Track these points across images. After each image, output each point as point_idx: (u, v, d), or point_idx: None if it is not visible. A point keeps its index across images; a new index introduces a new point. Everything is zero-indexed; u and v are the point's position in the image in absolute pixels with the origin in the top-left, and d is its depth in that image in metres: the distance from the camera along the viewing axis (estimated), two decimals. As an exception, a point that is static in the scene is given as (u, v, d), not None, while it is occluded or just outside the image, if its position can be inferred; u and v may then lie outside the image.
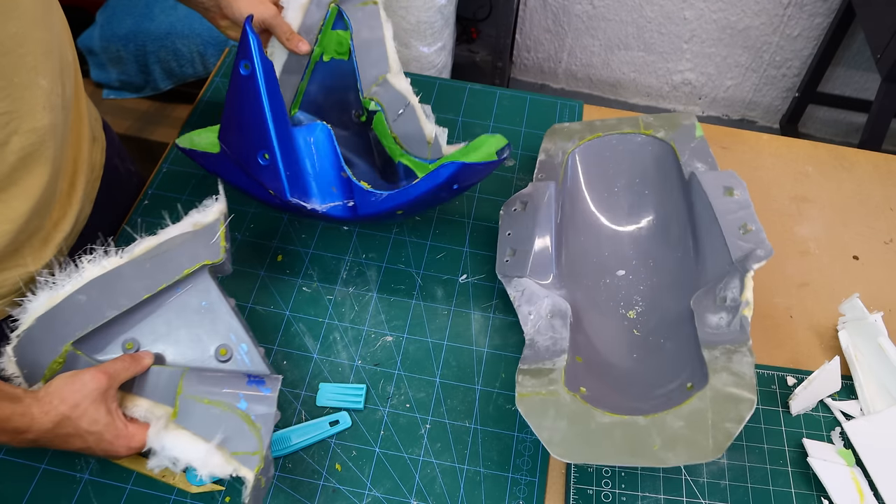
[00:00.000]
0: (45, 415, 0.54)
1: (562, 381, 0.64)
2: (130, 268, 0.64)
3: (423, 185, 0.70)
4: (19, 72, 0.58)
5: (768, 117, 2.19)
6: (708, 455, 0.57)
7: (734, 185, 0.75)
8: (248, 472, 0.58)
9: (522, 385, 0.64)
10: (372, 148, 0.85)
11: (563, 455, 0.59)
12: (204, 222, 0.67)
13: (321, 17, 0.81)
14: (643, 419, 0.60)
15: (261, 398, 0.62)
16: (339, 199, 0.74)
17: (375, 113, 0.82)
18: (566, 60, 2.16)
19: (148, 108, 1.56)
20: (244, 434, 0.60)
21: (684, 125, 0.84)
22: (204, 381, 0.62)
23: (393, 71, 0.83)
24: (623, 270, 0.81)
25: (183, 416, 0.60)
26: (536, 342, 0.68)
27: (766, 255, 0.68)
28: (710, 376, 0.62)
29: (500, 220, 0.79)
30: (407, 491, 0.66)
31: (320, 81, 0.85)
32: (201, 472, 0.58)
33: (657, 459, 0.58)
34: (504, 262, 0.75)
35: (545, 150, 0.84)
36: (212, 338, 0.66)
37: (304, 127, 0.74)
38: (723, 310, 0.67)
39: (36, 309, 0.62)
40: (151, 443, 0.60)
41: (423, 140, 0.83)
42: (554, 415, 0.61)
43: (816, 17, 1.89)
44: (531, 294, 0.72)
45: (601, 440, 0.59)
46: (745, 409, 0.59)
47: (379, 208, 0.72)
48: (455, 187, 0.71)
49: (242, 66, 0.69)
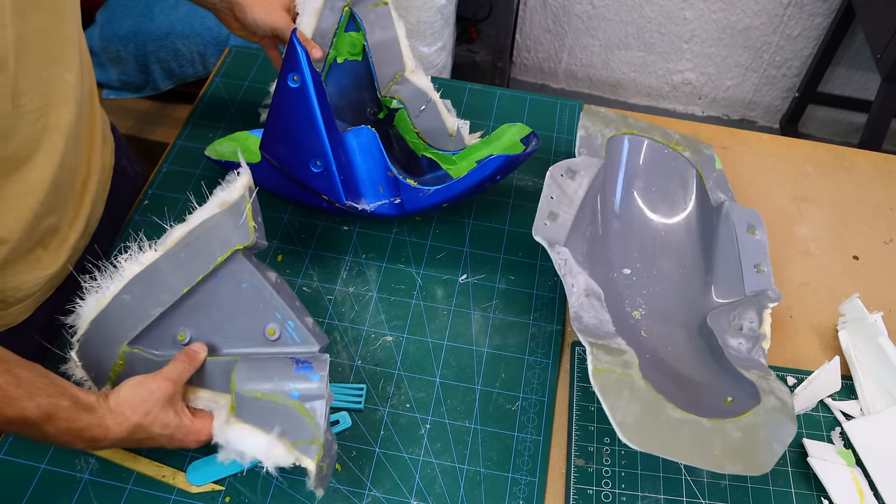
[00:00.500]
0: (118, 426, 0.56)
1: (636, 366, 0.63)
2: (166, 261, 0.64)
3: (471, 178, 0.74)
4: (47, 66, 0.59)
5: (768, 117, 2.19)
6: (759, 469, 0.59)
7: (757, 224, 0.79)
8: (310, 461, 0.59)
9: (598, 359, 0.63)
10: (392, 143, 0.87)
11: (632, 439, 0.58)
12: (230, 200, 0.65)
13: (335, 21, 0.83)
14: (708, 422, 0.61)
15: (311, 386, 0.62)
16: (387, 198, 0.77)
17: (397, 111, 0.82)
18: (566, 60, 2.16)
19: (148, 108, 1.56)
20: (301, 424, 0.61)
21: (705, 154, 0.86)
22: (254, 374, 0.62)
23: (410, 68, 0.85)
24: (628, 270, 0.81)
25: (241, 411, 0.61)
26: (582, 318, 0.68)
27: (776, 298, 0.74)
28: (761, 396, 0.63)
29: (546, 183, 0.76)
30: (407, 491, 0.66)
31: (336, 83, 0.86)
32: (266, 464, 0.60)
33: (716, 464, 0.59)
34: (543, 224, 0.73)
35: (584, 128, 0.83)
36: (257, 320, 0.66)
37: (351, 132, 0.77)
38: (741, 336, 0.71)
39: (88, 313, 0.63)
40: (217, 436, 0.61)
41: (446, 133, 0.85)
42: (629, 397, 0.61)
43: (816, 17, 1.89)
44: (571, 266, 0.71)
45: (669, 434, 0.60)
46: (787, 435, 0.62)
47: (426, 203, 0.76)
48: (498, 178, 0.76)
49: (291, 79, 0.70)
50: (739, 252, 0.76)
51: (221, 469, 0.65)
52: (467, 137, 0.86)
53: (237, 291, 0.65)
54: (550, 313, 0.79)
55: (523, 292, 0.80)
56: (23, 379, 0.51)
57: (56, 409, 0.52)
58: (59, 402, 0.53)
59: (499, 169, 0.73)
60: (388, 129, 0.86)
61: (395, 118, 0.84)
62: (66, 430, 0.53)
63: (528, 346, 0.76)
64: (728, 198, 0.81)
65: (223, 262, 0.64)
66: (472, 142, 0.85)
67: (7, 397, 0.50)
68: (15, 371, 0.51)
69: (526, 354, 0.75)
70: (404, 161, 0.86)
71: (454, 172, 0.81)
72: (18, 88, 0.56)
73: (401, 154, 0.86)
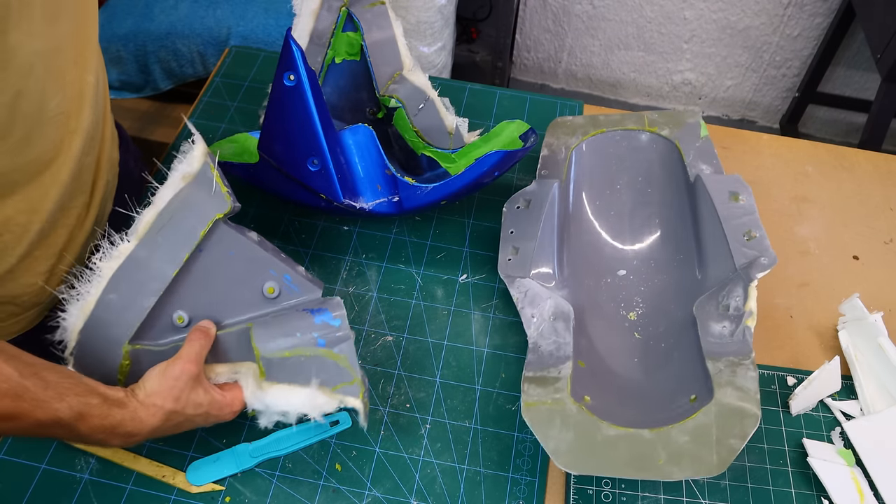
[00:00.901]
0: (152, 416, 0.56)
1: (567, 391, 0.63)
2: (144, 249, 0.62)
3: (469, 174, 0.73)
4: (70, 69, 0.59)
5: (768, 117, 2.19)
6: (712, 470, 0.57)
7: (740, 189, 0.75)
8: (355, 401, 0.60)
9: (528, 394, 0.64)
10: (391, 142, 0.87)
11: (568, 466, 0.59)
12: (193, 171, 0.64)
13: (332, 21, 0.82)
14: (648, 433, 0.60)
15: (333, 330, 0.62)
16: (385, 196, 0.77)
17: (396, 109, 0.82)
18: (566, 60, 2.16)
19: (148, 108, 1.56)
20: (336, 369, 0.61)
21: (689, 123, 0.83)
22: (275, 334, 0.62)
23: (407, 67, 0.85)
24: (624, 270, 0.80)
25: (272, 374, 0.61)
26: (540, 346, 0.68)
27: (769, 263, 0.68)
28: (715, 391, 0.62)
29: (503, 218, 0.79)
30: (407, 491, 0.66)
31: (334, 83, 0.86)
32: (312, 415, 0.60)
33: (662, 473, 0.58)
34: (507, 261, 0.75)
35: (548, 145, 0.84)
36: (253, 282, 0.65)
37: (348, 130, 0.76)
38: (726, 318, 0.67)
39: (73, 324, 0.61)
40: (250, 403, 0.62)
41: (445, 131, 0.85)
42: (560, 425, 0.61)
43: (816, 17, 1.89)
44: (534, 295, 0.71)
45: (606, 452, 0.59)
46: (749, 426, 0.59)
47: (424, 200, 0.75)
48: (496, 174, 0.75)
49: (286, 78, 0.70)
50: (722, 224, 0.72)
51: (221, 469, 0.65)
52: (466, 135, 0.86)
53: (226, 260, 0.65)
54: (550, 313, 0.79)
55: (523, 292, 0.80)
56: (50, 381, 0.51)
57: (87, 408, 0.52)
58: (90, 400, 0.53)
59: (496, 165, 0.73)
60: (388, 128, 0.86)
61: (393, 117, 0.84)
62: (100, 428, 0.53)
63: (527, 345, 0.76)
64: (712, 167, 0.78)
65: (206, 234, 0.63)
66: (470, 140, 0.85)
67: (37, 400, 0.50)
68: (42, 374, 0.51)
69: (526, 354, 0.75)
70: (404, 160, 0.86)
71: (453, 170, 0.81)
72: (46, 94, 0.57)
73: (400, 153, 0.86)
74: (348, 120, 0.88)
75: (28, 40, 0.52)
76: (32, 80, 0.54)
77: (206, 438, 0.68)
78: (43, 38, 0.54)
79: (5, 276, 0.63)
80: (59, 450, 0.66)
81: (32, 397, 0.50)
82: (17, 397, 0.49)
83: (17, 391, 0.49)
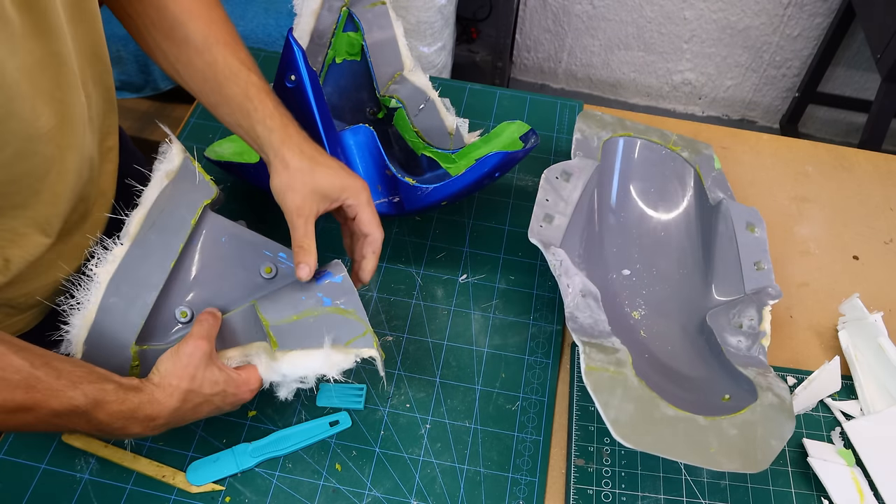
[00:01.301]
0: (170, 396, 0.56)
1: (629, 363, 0.63)
2: (138, 248, 0.62)
3: (470, 175, 0.73)
4: (62, 87, 0.58)
5: (768, 117, 2.19)
6: (756, 466, 0.59)
7: (756, 222, 0.79)
8: (371, 350, 0.60)
9: (591, 358, 0.63)
10: (391, 143, 0.87)
11: (626, 438, 0.58)
12: (174, 168, 0.65)
13: (333, 21, 0.83)
14: (703, 420, 0.61)
15: (337, 286, 0.62)
16: (385, 197, 0.77)
17: (396, 110, 0.82)
18: (566, 60, 2.16)
19: (148, 108, 1.56)
20: (346, 323, 0.61)
21: (704, 154, 0.86)
22: (281, 303, 0.62)
23: (408, 67, 0.85)
24: (628, 270, 0.81)
25: (284, 342, 0.61)
26: (577, 318, 0.68)
27: (777, 295, 0.73)
28: (758, 393, 0.63)
29: (541, 185, 0.77)
30: (407, 491, 0.66)
31: (334, 83, 0.86)
32: (331, 374, 0.60)
33: (712, 462, 0.59)
34: (539, 227, 0.74)
35: (580, 130, 0.84)
36: (249, 265, 0.66)
37: (349, 130, 0.76)
38: (741, 334, 0.71)
39: (78, 335, 0.61)
40: (267, 377, 0.62)
41: (445, 132, 0.85)
42: (622, 395, 0.61)
43: (816, 17, 1.89)
44: (567, 267, 0.71)
45: (663, 432, 0.60)
46: (787, 430, 0.61)
47: (425, 201, 0.75)
48: (497, 175, 0.75)
49: (288, 80, 0.70)
50: (739, 250, 0.76)
51: (221, 469, 0.65)
52: (466, 136, 0.86)
53: (218, 247, 0.65)
54: (550, 313, 0.79)
55: (523, 292, 0.81)
56: (63, 370, 0.51)
57: (103, 394, 0.52)
58: (105, 386, 0.52)
59: (497, 166, 0.73)
60: (388, 128, 0.86)
61: (394, 117, 0.84)
62: (118, 414, 0.53)
63: (528, 346, 0.76)
64: (727, 196, 0.82)
65: (196, 223, 0.63)
66: (471, 140, 0.85)
67: (51, 390, 0.50)
68: (53, 363, 0.51)
69: (526, 354, 0.75)
70: (404, 160, 0.86)
71: (454, 171, 0.81)
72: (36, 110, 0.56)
73: (400, 153, 0.86)
74: (349, 120, 0.88)
75: (10, 57, 0.51)
76: (19, 98, 0.53)
77: (206, 438, 0.68)
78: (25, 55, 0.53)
79: (6, 286, 0.63)
80: (59, 450, 0.66)
81: (46, 387, 0.49)
82: (31, 388, 0.49)
83: (30, 381, 0.49)
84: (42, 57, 0.55)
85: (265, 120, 0.64)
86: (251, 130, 0.65)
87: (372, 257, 0.66)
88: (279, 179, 0.63)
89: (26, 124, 0.55)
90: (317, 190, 0.63)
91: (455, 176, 0.73)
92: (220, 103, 0.65)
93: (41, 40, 0.54)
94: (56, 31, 0.56)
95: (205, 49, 0.65)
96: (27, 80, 0.53)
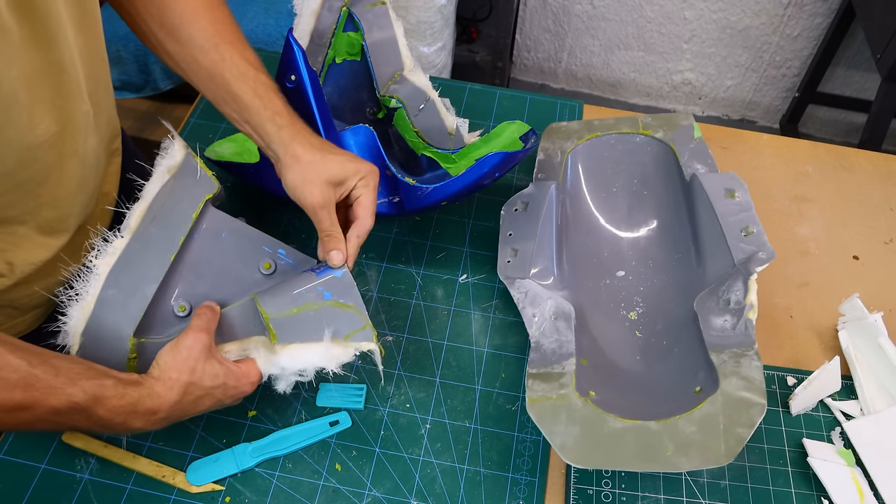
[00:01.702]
0: (170, 390, 0.56)
1: (572, 385, 0.63)
2: (138, 241, 0.63)
3: (470, 175, 0.73)
4: (63, 95, 0.58)
5: (768, 117, 2.19)
6: (720, 460, 0.57)
7: (735, 187, 0.76)
8: (370, 344, 0.61)
9: (533, 390, 0.64)
10: (391, 143, 0.86)
11: (575, 461, 0.59)
12: (176, 164, 0.66)
13: (333, 21, 0.83)
14: (655, 424, 0.60)
15: (338, 281, 0.62)
16: (385, 197, 0.77)
17: (396, 110, 0.82)
18: (566, 60, 2.16)
19: (148, 108, 1.56)
20: (345, 318, 0.61)
21: (683, 125, 0.84)
22: (281, 296, 0.62)
23: (408, 67, 0.85)
24: (623, 271, 0.81)
25: (284, 335, 0.61)
26: (542, 345, 0.68)
27: (768, 257, 0.69)
28: (720, 381, 0.62)
29: (501, 221, 0.79)
30: (407, 491, 0.66)
31: (334, 83, 0.86)
32: (329, 367, 0.60)
33: (670, 465, 0.58)
34: (506, 262, 0.75)
35: (543, 150, 0.84)
36: (249, 261, 0.66)
37: (349, 130, 0.76)
38: (727, 312, 0.68)
39: (75, 327, 0.61)
40: (265, 370, 0.61)
41: (445, 132, 0.85)
42: (566, 420, 0.61)
43: (816, 17, 1.89)
44: (534, 296, 0.71)
45: (614, 445, 0.59)
46: (755, 414, 0.59)
47: (425, 201, 0.75)
48: (497, 175, 0.75)
49: (288, 80, 0.70)
50: (720, 220, 0.73)
51: (221, 469, 0.65)
52: (466, 136, 0.86)
53: (219, 243, 0.65)
54: (550, 313, 0.79)
55: (523, 292, 0.80)
56: (61, 368, 0.51)
57: (102, 390, 0.52)
58: (104, 381, 0.53)
59: (497, 166, 0.73)
60: (388, 128, 0.86)
61: (394, 117, 0.84)
62: (119, 409, 0.53)
63: (528, 345, 0.76)
64: (707, 166, 0.79)
65: (197, 217, 0.63)
66: (471, 140, 0.85)
67: (49, 387, 0.50)
68: (51, 362, 0.51)
69: (526, 354, 0.75)
70: (404, 160, 0.86)
71: (454, 171, 0.81)
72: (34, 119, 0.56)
73: (400, 153, 0.86)
74: (349, 120, 0.88)
75: (7, 66, 0.51)
76: (16, 107, 0.53)
77: (206, 438, 0.68)
78: (24, 63, 0.53)
79: (9, 289, 0.63)
80: (59, 450, 0.66)
81: (44, 385, 0.50)
82: (29, 386, 0.49)
83: (28, 380, 0.49)
84: (42, 65, 0.55)
85: (274, 118, 0.65)
86: (259, 128, 0.65)
87: (356, 241, 0.66)
88: (293, 174, 0.64)
89: (24, 132, 0.55)
90: (331, 180, 0.64)
91: (455, 176, 0.73)
92: (226, 101, 0.66)
93: (41, 49, 0.54)
94: (57, 39, 0.56)
95: (211, 48, 0.65)
96: (26, 88, 0.53)
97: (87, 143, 0.64)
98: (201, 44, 0.65)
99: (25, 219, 0.60)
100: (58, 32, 0.55)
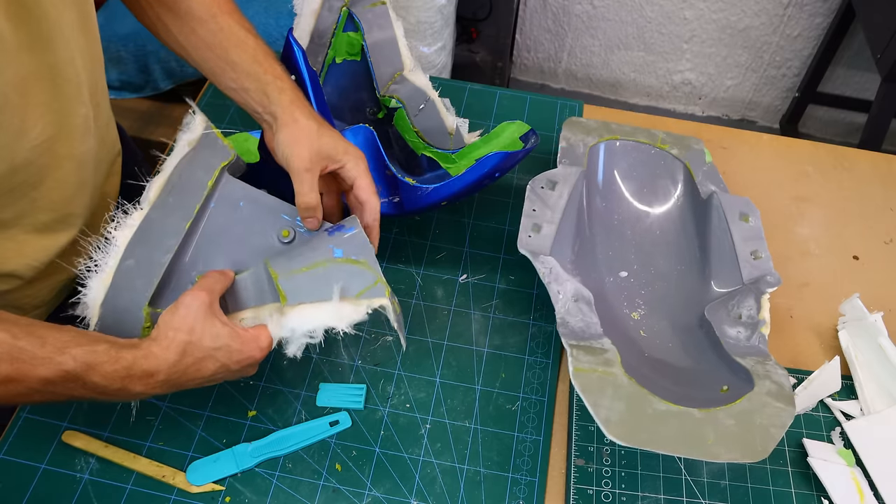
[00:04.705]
0: (166, 350, 0.54)
1: (619, 362, 0.64)
2: (156, 211, 0.62)
3: (470, 175, 0.73)
4: (59, 97, 0.58)
5: (768, 117, 2.19)
6: (756, 455, 0.58)
7: (749, 212, 0.79)
8: (383, 300, 0.59)
9: (578, 360, 0.63)
10: (392, 143, 0.86)
11: (620, 436, 0.58)
12: (195, 137, 0.65)
13: (333, 21, 0.83)
14: (698, 412, 0.61)
15: (350, 238, 0.61)
16: (385, 197, 0.77)
17: (396, 110, 0.82)
18: (566, 60, 2.16)
19: (148, 108, 1.56)
20: (357, 274, 0.60)
21: (694, 149, 0.86)
22: (291, 258, 0.61)
23: (408, 67, 0.85)
24: (625, 272, 0.81)
25: (293, 295, 0.59)
26: (569, 322, 0.68)
27: (776, 282, 0.73)
28: (755, 382, 0.63)
29: (527, 196, 0.78)
30: (407, 491, 0.66)
31: (334, 83, 0.86)
32: (340, 327, 0.58)
33: (710, 454, 0.58)
34: (527, 237, 0.75)
35: (566, 139, 0.85)
36: (267, 228, 0.65)
37: (349, 130, 0.76)
38: (740, 325, 0.71)
39: (96, 297, 0.60)
40: (276, 333, 0.59)
41: (445, 132, 0.85)
42: (612, 395, 0.61)
43: (816, 17, 1.89)
44: (557, 274, 0.71)
45: (657, 427, 0.59)
46: (787, 417, 0.61)
47: (425, 201, 0.75)
48: (497, 175, 0.75)
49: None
50: (734, 241, 0.76)
51: (221, 469, 0.65)
52: (466, 136, 0.86)
53: (236, 212, 0.65)
54: (550, 313, 0.79)
55: (523, 292, 0.81)
56: (48, 338, 0.50)
57: (94, 356, 0.51)
58: (95, 347, 0.51)
59: (497, 166, 0.73)
60: (388, 128, 0.86)
61: (394, 118, 0.84)
62: (114, 374, 0.51)
63: (528, 346, 0.76)
64: (719, 189, 0.81)
65: (213, 185, 0.63)
66: (471, 140, 0.85)
67: (36, 358, 0.49)
68: (38, 332, 0.50)
69: (526, 354, 0.75)
70: (404, 161, 0.86)
71: (454, 171, 0.81)
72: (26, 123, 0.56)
73: (400, 154, 0.86)
74: (349, 120, 0.88)
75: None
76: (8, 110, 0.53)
77: (206, 438, 0.68)
78: (16, 67, 0.52)
79: (12, 290, 0.63)
80: (59, 450, 0.66)
81: (30, 356, 0.49)
82: (14, 359, 0.48)
83: (13, 353, 0.48)
84: (36, 69, 0.55)
85: (276, 81, 0.65)
86: (259, 92, 0.66)
87: (375, 225, 0.66)
88: (287, 133, 0.64)
89: (15, 136, 0.54)
90: (322, 150, 0.64)
91: (455, 176, 0.73)
92: (224, 70, 0.66)
93: (36, 52, 0.54)
94: (53, 43, 0.55)
95: (209, 18, 0.66)
96: (18, 92, 0.53)
97: (86, 145, 0.64)
98: (199, 14, 0.66)
99: (21, 222, 0.60)
100: (55, 35, 0.55)
